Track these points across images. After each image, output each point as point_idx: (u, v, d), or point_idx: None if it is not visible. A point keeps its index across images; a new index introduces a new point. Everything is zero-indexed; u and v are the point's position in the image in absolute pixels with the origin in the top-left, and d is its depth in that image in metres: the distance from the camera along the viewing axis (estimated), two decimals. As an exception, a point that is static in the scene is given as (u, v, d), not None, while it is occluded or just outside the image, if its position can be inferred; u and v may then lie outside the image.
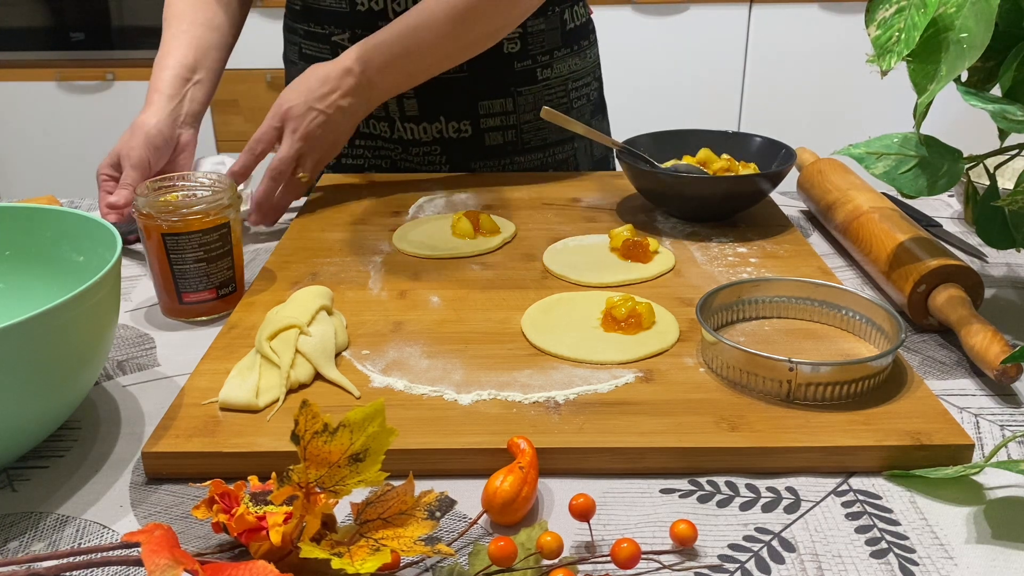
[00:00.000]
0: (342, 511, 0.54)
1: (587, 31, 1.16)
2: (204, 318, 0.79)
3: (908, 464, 0.58)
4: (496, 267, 0.86)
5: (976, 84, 0.77)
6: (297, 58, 1.13)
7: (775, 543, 0.52)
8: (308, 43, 1.10)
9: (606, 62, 1.26)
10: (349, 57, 0.94)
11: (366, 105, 0.96)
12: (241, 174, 0.94)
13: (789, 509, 0.55)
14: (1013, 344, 0.73)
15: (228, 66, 1.08)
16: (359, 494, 0.54)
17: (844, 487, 0.57)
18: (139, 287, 0.86)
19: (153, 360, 0.73)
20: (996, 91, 0.76)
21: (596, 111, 1.20)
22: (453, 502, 0.54)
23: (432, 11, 0.94)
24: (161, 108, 0.96)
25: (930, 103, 0.69)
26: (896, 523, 0.53)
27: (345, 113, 0.94)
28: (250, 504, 0.48)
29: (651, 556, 0.51)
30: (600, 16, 2.54)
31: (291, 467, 0.48)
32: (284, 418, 0.61)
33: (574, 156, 1.17)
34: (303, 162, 0.94)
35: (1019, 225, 0.75)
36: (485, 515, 0.53)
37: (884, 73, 0.69)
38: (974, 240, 0.94)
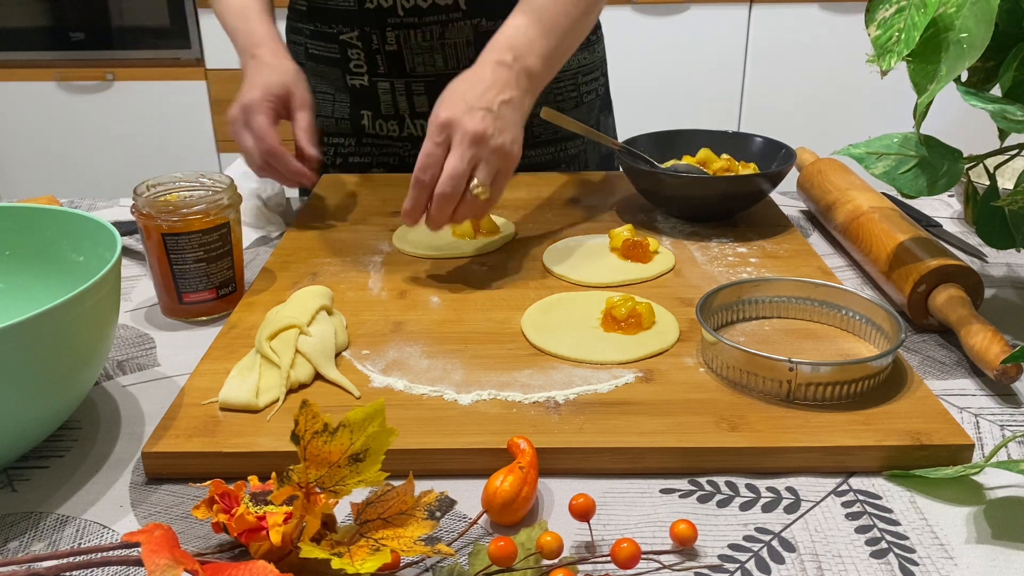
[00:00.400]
0: (342, 511, 0.54)
1: (595, 26, 1.16)
2: (204, 318, 0.79)
3: (908, 464, 0.58)
4: (496, 267, 0.86)
5: (976, 84, 0.77)
6: (304, 59, 1.13)
7: (775, 543, 0.52)
8: (315, 43, 1.10)
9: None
10: (495, 52, 0.83)
11: (529, 97, 0.85)
12: (415, 213, 0.80)
13: (789, 509, 0.55)
14: (1013, 344, 0.73)
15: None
16: (359, 494, 0.54)
17: (844, 487, 0.57)
18: (139, 287, 0.86)
19: (153, 360, 0.73)
20: (996, 91, 0.76)
21: (604, 106, 1.20)
22: (453, 502, 0.54)
23: None
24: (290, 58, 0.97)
25: (930, 103, 0.69)
26: (896, 523, 0.53)
27: (511, 107, 0.81)
28: (250, 504, 0.48)
29: (651, 556, 0.51)
30: (600, 16, 2.54)
31: (291, 467, 0.48)
32: (284, 418, 0.61)
33: (584, 151, 1.17)
34: (477, 173, 0.79)
35: (1019, 225, 0.75)
36: (485, 515, 0.53)
37: (884, 73, 0.69)
38: (974, 240, 0.94)
